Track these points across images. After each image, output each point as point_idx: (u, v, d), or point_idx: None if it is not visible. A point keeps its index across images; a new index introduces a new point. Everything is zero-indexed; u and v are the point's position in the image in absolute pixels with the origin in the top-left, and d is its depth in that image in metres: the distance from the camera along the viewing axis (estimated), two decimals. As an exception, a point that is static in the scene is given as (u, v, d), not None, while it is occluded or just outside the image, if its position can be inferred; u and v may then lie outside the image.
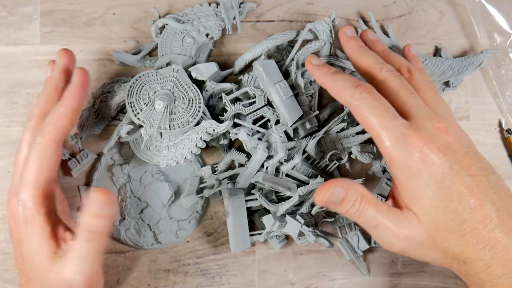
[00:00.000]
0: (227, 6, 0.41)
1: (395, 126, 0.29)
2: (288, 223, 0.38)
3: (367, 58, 0.34)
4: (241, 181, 0.38)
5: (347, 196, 0.30)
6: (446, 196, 0.29)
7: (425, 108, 0.31)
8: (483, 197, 0.28)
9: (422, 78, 0.34)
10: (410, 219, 0.30)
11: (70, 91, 0.35)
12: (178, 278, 0.41)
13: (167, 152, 0.38)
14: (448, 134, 0.30)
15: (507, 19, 0.43)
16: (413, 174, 0.29)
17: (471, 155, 0.30)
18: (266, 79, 0.37)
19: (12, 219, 0.33)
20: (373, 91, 0.31)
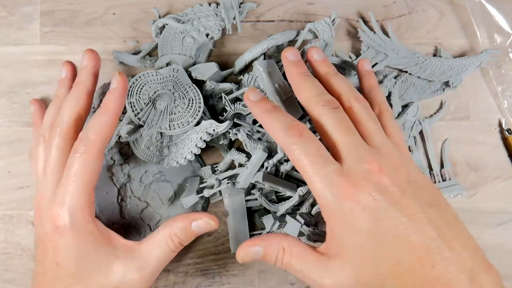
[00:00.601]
0: (227, 6, 0.41)
1: (325, 174, 0.28)
2: (288, 223, 0.38)
3: (305, 89, 0.33)
4: (241, 181, 0.38)
5: (267, 254, 0.30)
6: (379, 242, 0.27)
7: (358, 147, 0.29)
8: (421, 236, 0.27)
9: (363, 107, 0.32)
10: (335, 269, 0.29)
11: (113, 98, 0.34)
12: (178, 278, 0.41)
13: (167, 152, 0.38)
14: (382, 174, 0.28)
15: (507, 19, 0.43)
16: (344, 222, 0.28)
17: (409, 192, 0.28)
18: (266, 79, 0.37)
19: (50, 229, 0.32)
20: (304, 134, 0.30)
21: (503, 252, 0.42)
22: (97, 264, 0.32)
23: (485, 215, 0.42)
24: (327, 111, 0.31)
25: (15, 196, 0.41)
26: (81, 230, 0.32)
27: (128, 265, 0.32)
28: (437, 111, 0.43)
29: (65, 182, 0.32)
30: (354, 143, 0.30)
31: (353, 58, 0.42)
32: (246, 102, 0.33)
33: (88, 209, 0.33)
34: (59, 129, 0.34)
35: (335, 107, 0.31)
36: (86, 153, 0.32)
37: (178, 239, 0.33)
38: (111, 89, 0.34)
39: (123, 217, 0.40)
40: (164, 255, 0.33)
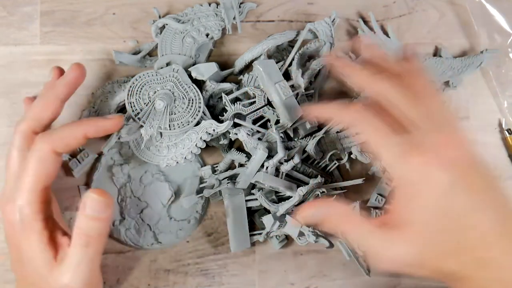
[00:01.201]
0: (227, 6, 0.41)
1: (396, 143, 0.28)
2: (288, 223, 0.38)
3: (362, 70, 0.33)
4: (241, 181, 0.38)
5: (331, 217, 0.30)
6: (444, 216, 0.28)
7: (426, 120, 0.29)
8: (482, 216, 0.27)
9: (423, 84, 0.32)
10: (397, 240, 0.29)
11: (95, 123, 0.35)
12: (178, 278, 0.41)
13: (167, 152, 0.38)
14: (451, 148, 0.28)
15: (507, 19, 0.43)
16: (412, 193, 0.28)
17: (474, 169, 0.28)
18: (266, 79, 0.37)
19: (8, 225, 0.33)
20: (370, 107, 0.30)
21: (503, 252, 0.42)
22: (42, 267, 0.32)
23: (485, 215, 0.42)
24: (389, 85, 0.31)
25: (15, 196, 0.41)
26: (28, 228, 0.32)
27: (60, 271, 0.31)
28: (437, 111, 0.43)
29: (18, 179, 0.32)
30: (422, 115, 0.29)
31: (353, 58, 0.42)
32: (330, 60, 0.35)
33: (37, 207, 0.32)
34: (19, 128, 0.34)
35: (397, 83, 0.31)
36: (41, 150, 0.32)
37: (81, 231, 0.31)
38: (105, 118, 0.35)
39: (123, 217, 0.40)
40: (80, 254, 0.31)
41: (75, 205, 0.40)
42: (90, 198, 0.31)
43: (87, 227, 0.31)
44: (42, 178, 0.32)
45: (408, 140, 0.28)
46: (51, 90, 0.35)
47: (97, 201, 0.31)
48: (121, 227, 0.40)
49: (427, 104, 0.31)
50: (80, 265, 0.31)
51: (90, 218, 0.31)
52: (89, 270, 0.31)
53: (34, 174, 0.32)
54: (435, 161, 0.28)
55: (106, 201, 0.31)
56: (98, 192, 0.31)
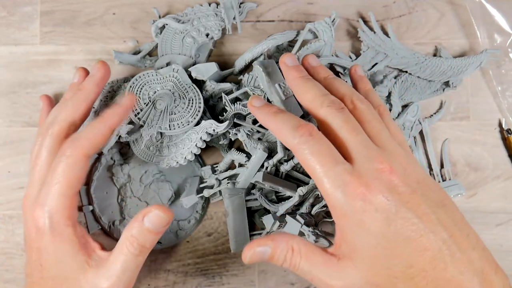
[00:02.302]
0: (227, 6, 0.41)
1: (336, 174, 0.28)
2: (288, 223, 0.38)
3: (308, 90, 0.32)
4: (241, 181, 0.38)
5: (275, 254, 0.29)
6: (391, 242, 0.27)
7: (367, 147, 0.29)
8: (432, 237, 0.27)
9: (367, 107, 0.32)
10: (345, 270, 0.28)
11: (116, 112, 0.34)
12: (178, 278, 0.41)
13: (167, 152, 0.38)
14: (392, 174, 0.28)
15: (507, 19, 0.43)
16: (356, 223, 0.28)
17: (419, 192, 0.28)
18: (266, 79, 0.37)
19: (33, 229, 0.32)
20: (314, 133, 0.29)
21: (502, 252, 0.42)
22: (72, 271, 0.32)
23: (485, 215, 0.42)
24: (333, 111, 0.30)
25: (15, 196, 0.41)
26: (58, 233, 0.32)
27: (98, 275, 0.31)
28: (437, 111, 0.43)
29: (47, 183, 0.32)
30: (363, 142, 0.29)
31: (353, 58, 0.42)
32: (250, 109, 0.33)
33: (67, 213, 0.32)
34: (50, 130, 0.34)
35: (341, 107, 0.31)
36: (72, 156, 0.32)
37: (136, 240, 0.31)
38: (119, 103, 0.35)
39: (123, 217, 0.40)
40: (128, 261, 0.31)
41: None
42: (154, 213, 0.31)
43: (143, 239, 0.31)
44: (73, 183, 0.32)
45: (348, 170, 0.28)
46: (81, 91, 0.35)
47: (159, 217, 0.31)
48: (121, 227, 0.40)
49: (370, 127, 0.31)
50: (126, 271, 0.31)
51: (148, 231, 0.31)
52: (132, 277, 0.32)
53: (66, 180, 0.32)
54: (376, 190, 0.27)
55: (168, 219, 0.32)
56: (162, 209, 0.31)
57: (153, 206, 0.32)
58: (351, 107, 0.32)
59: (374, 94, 0.36)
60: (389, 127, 0.33)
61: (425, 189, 0.29)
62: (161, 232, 0.32)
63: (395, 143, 0.31)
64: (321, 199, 0.40)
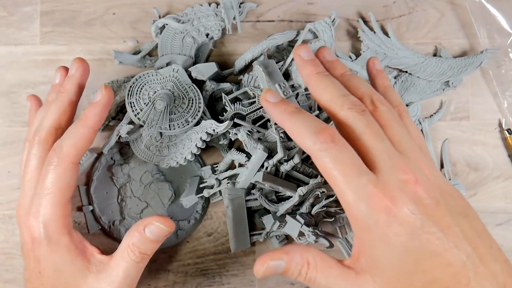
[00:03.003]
0: (227, 6, 0.41)
1: (360, 185, 0.26)
2: (288, 223, 0.38)
3: (326, 89, 0.30)
4: (241, 181, 0.38)
5: (290, 268, 0.28)
6: (415, 258, 0.26)
7: (391, 155, 0.27)
8: (456, 251, 0.26)
9: (387, 109, 0.30)
10: (364, 285, 0.27)
11: (94, 111, 0.32)
12: (178, 278, 0.41)
13: (167, 152, 0.38)
14: (417, 185, 0.26)
15: (507, 19, 0.43)
16: (379, 238, 0.26)
17: (443, 203, 0.27)
18: (266, 79, 0.37)
19: (28, 239, 0.32)
20: (336, 139, 0.27)
21: (503, 252, 0.42)
22: (72, 277, 0.32)
23: (485, 215, 0.42)
24: (354, 114, 0.28)
25: (15, 196, 0.41)
26: (55, 243, 0.32)
27: (99, 280, 0.31)
28: (437, 111, 0.43)
29: (38, 194, 0.32)
30: (387, 149, 0.27)
31: (353, 58, 0.42)
32: (264, 105, 0.31)
33: (62, 222, 0.32)
34: (37, 138, 0.33)
35: (362, 110, 0.29)
36: (60, 165, 0.31)
37: (137, 249, 0.32)
38: (94, 102, 0.33)
39: (123, 217, 0.40)
40: (130, 268, 0.32)
41: (75, 205, 0.40)
42: (155, 225, 0.31)
43: (145, 247, 0.32)
44: (64, 192, 0.32)
45: (372, 181, 0.26)
46: (62, 93, 0.34)
47: (160, 229, 0.32)
48: (121, 227, 0.40)
49: (392, 132, 0.29)
50: (128, 278, 0.32)
51: (149, 240, 0.32)
52: (134, 282, 0.32)
53: (56, 189, 0.31)
54: (402, 203, 0.26)
55: (169, 230, 0.32)
56: (163, 221, 0.32)
57: (154, 217, 0.32)
58: (371, 108, 0.30)
59: (393, 92, 0.34)
60: (409, 129, 0.31)
61: (448, 199, 0.27)
62: (162, 241, 0.33)
63: (417, 148, 0.29)
64: (321, 199, 0.39)
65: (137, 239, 0.32)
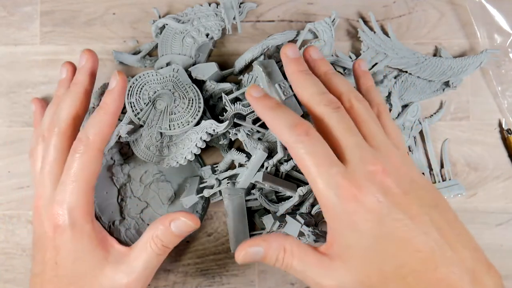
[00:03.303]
0: (227, 6, 0.41)
1: (330, 175, 0.28)
2: (288, 223, 0.38)
3: (307, 87, 0.32)
4: (241, 181, 0.38)
5: (268, 254, 0.30)
6: (382, 243, 0.27)
7: (361, 148, 0.29)
8: (424, 238, 0.27)
9: (363, 107, 0.32)
10: (337, 270, 0.28)
11: (113, 97, 0.34)
12: (178, 278, 0.41)
13: (167, 152, 0.38)
14: (385, 175, 0.28)
15: (507, 19, 0.43)
16: (347, 225, 0.28)
17: (412, 193, 0.28)
18: (266, 79, 0.37)
19: (50, 227, 0.32)
20: (310, 132, 0.29)
21: (502, 252, 0.42)
22: (91, 267, 0.32)
23: (485, 215, 0.42)
24: (329, 111, 0.30)
25: (15, 196, 0.41)
26: (79, 229, 0.32)
27: (117, 270, 0.32)
28: (437, 111, 0.43)
29: (64, 181, 0.32)
30: (358, 143, 0.29)
31: (353, 58, 0.42)
32: (248, 99, 0.32)
33: (87, 209, 0.33)
34: (57, 129, 0.34)
35: (337, 106, 0.31)
36: (86, 153, 0.32)
37: (160, 242, 0.32)
38: (110, 89, 0.34)
39: (123, 217, 0.40)
40: (151, 259, 0.32)
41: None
42: (182, 220, 0.32)
43: (168, 240, 0.33)
44: (90, 179, 0.33)
45: (341, 172, 0.28)
46: (76, 84, 0.35)
47: (186, 224, 0.32)
48: (121, 227, 0.40)
49: (365, 128, 0.31)
50: (147, 269, 0.32)
51: (173, 235, 0.33)
52: (151, 274, 0.33)
53: (83, 177, 0.32)
54: (368, 191, 0.27)
55: (195, 227, 0.33)
56: (190, 217, 0.33)
57: (181, 213, 0.33)
58: (348, 106, 0.32)
59: (375, 92, 0.36)
60: (386, 127, 0.33)
61: (418, 190, 0.29)
62: (184, 236, 0.33)
63: (390, 144, 0.31)
64: (321, 199, 0.40)
65: (161, 232, 0.32)
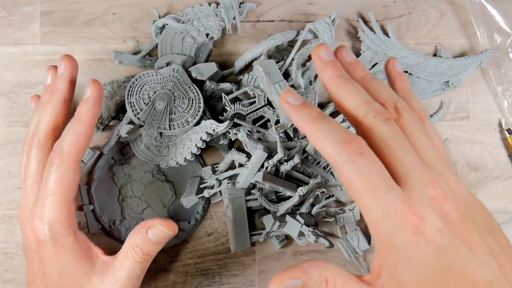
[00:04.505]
0: (227, 6, 0.41)
1: (387, 202, 0.25)
2: (288, 223, 0.38)
3: (349, 95, 0.28)
4: (241, 181, 0.38)
5: (307, 287, 0.27)
6: (440, 278, 0.25)
7: (419, 168, 0.26)
8: (483, 269, 0.25)
9: (412, 117, 0.28)
10: None
11: (87, 107, 0.32)
12: (178, 278, 0.41)
13: (167, 152, 0.38)
14: (445, 200, 0.25)
15: (507, 19, 0.43)
16: (403, 257, 0.25)
17: (469, 218, 0.26)
18: (266, 79, 0.37)
19: (33, 241, 0.32)
20: (365, 152, 0.25)
21: (503, 252, 0.42)
22: (77, 278, 0.32)
23: (485, 215, 0.42)
24: (379, 124, 0.27)
25: (15, 196, 0.41)
26: (60, 243, 0.32)
27: (104, 280, 0.32)
28: (437, 111, 0.43)
29: (42, 196, 0.32)
30: (414, 163, 0.26)
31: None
32: (283, 107, 0.28)
33: (67, 222, 0.32)
34: (36, 140, 0.33)
35: (387, 118, 0.27)
36: (61, 165, 0.31)
37: (140, 250, 0.32)
38: (85, 98, 0.33)
39: (124, 217, 0.40)
40: (133, 267, 0.32)
41: (76, 204, 0.40)
42: (158, 228, 0.32)
43: (148, 249, 0.33)
44: (68, 192, 0.32)
45: (401, 197, 0.25)
46: (55, 93, 0.34)
47: (162, 232, 0.32)
48: (121, 227, 0.40)
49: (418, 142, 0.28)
50: (131, 278, 0.32)
51: (152, 242, 0.32)
52: (137, 282, 0.33)
53: (60, 190, 0.31)
54: (430, 221, 0.25)
55: (172, 233, 0.33)
56: (165, 224, 0.32)
57: (157, 220, 0.32)
58: (395, 116, 0.28)
59: (414, 96, 0.32)
60: (432, 138, 0.29)
61: (474, 213, 0.26)
62: (164, 243, 0.33)
63: (441, 160, 0.28)
64: (321, 199, 0.40)
65: (140, 240, 0.32)
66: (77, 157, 0.32)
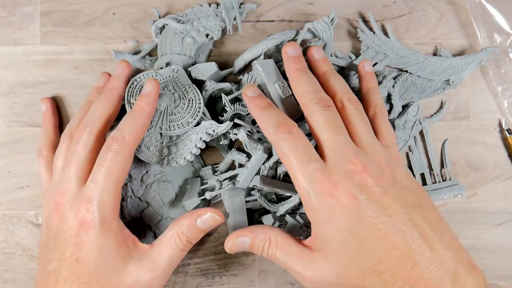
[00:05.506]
0: (227, 6, 0.41)
1: (308, 171, 0.30)
2: (288, 223, 0.38)
3: (301, 85, 0.34)
4: (241, 181, 0.38)
5: (254, 244, 0.32)
6: (359, 240, 0.28)
7: (344, 147, 0.30)
8: (402, 236, 0.28)
9: (355, 108, 0.33)
10: (317, 261, 0.30)
11: (148, 101, 0.35)
12: (178, 278, 0.41)
13: (166, 152, 0.38)
14: (364, 174, 0.29)
15: (507, 19, 0.43)
16: (324, 219, 0.29)
17: (392, 193, 0.29)
18: (265, 78, 0.37)
19: (75, 224, 0.32)
20: (293, 131, 0.31)
21: (503, 252, 0.42)
22: (113, 264, 0.32)
23: (485, 215, 0.42)
24: (319, 109, 0.32)
25: (15, 196, 0.41)
26: (107, 227, 0.32)
27: (141, 266, 0.32)
28: (437, 111, 0.43)
29: (96, 178, 0.33)
30: (340, 142, 0.31)
31: (353, 58, 0.42)
32: (244, 98, 0.35)
33: (116, 207, 0.33)
34: (89, 128, 0.35)
35: (328, 105, 0.32)
36: (120, 152, 0.33)
37: (185, 237, 0.33)
38: (146, 93, 0.35)
39: (124, 217, 0.40)
40: (174, 254, 0.33)
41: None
42: (209, 215, 0.34)
43: (193, 236, 0.34)
44: (121, 178, 0.33)
45: (320, 168, 0.30)
46: (111, 89, 0.37)
47: (213, 219, 0.34)
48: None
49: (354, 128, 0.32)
50: (171, 264, 0.33)
51: (199, 230, 0.34)
52: (173, 269, 0.34)
53: (116, 174, 0.33)
54: (344, 188, 0.29)
55: (221, 221, 0.34)
56: (216, 212, 0.34)
57: (207, 208, 0.34)
58: (340, 105, 0.33)
59: (375, 93, 0.37)
60: (380, 128, 0.34)
61: (400, 189, 0.30)
62: (208, 230, 0.35)
63: (378, 145, 0.32)
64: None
65: (186, 228, 0.33)
66: (134, 147, 0.34)
